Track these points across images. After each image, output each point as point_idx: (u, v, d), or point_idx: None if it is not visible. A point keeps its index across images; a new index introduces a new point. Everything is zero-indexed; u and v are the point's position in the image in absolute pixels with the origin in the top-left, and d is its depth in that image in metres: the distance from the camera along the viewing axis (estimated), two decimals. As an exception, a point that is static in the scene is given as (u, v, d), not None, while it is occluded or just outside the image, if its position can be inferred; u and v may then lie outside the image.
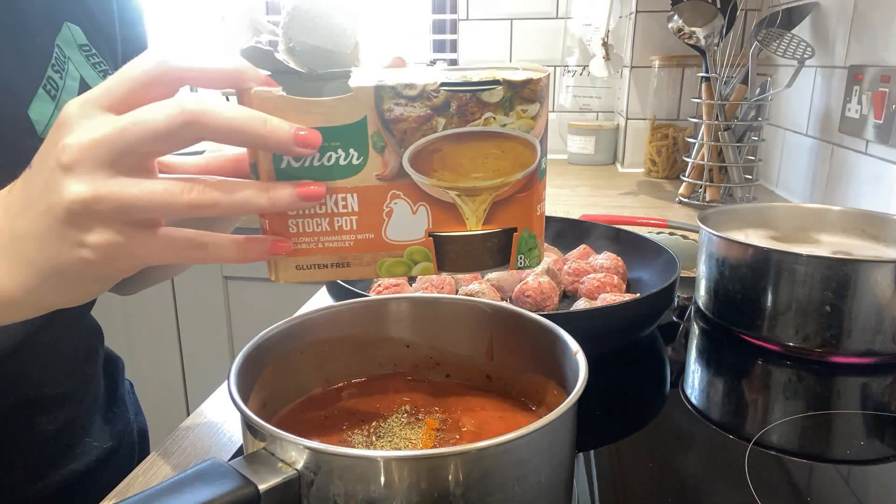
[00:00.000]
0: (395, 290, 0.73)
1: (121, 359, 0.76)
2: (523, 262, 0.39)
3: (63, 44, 0.53)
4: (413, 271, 0.39)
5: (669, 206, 1.35)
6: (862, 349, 0.67)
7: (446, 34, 2.15)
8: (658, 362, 0.72)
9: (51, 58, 0.52)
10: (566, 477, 0.39)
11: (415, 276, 0.39)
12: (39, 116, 0.51)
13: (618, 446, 0.55)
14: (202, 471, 0.33)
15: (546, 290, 0.72)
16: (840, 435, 0.58)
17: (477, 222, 0.38)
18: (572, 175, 1.71)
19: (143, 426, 0.77)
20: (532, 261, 0.40)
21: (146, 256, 0.34)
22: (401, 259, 0.38)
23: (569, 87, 1.92)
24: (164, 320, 1.52)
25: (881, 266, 0.64)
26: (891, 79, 0.94)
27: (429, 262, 0.39)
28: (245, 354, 0.42)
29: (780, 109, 1.43)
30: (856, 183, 1.07)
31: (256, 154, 0.35)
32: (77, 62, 0.54)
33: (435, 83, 0.35)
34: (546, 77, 0.37)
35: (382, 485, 0.33)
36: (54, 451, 0.60)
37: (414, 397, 0.49)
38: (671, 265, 0.73)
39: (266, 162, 0.35)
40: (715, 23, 1.25)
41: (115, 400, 0.71)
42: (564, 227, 0.92)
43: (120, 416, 0.71)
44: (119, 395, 0.72)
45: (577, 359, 0.41)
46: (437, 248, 0.38)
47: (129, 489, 0.50)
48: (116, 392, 0.72)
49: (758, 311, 0.71)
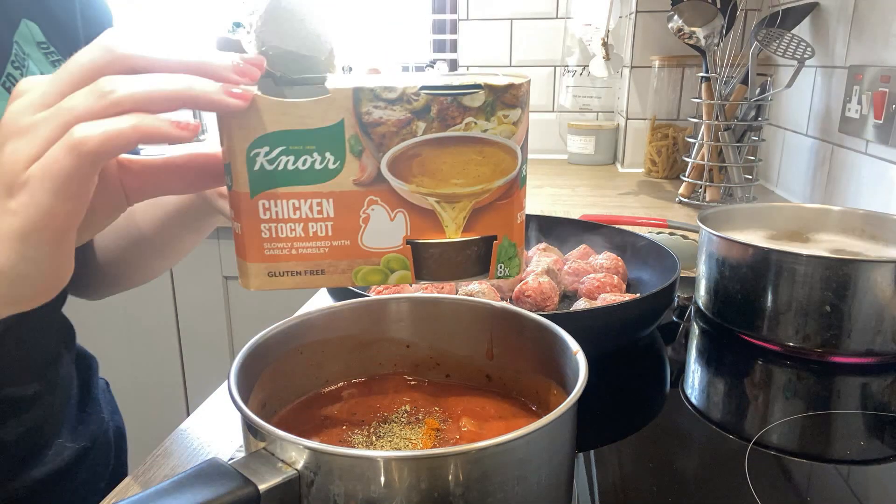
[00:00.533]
0: (394, 291, 0.73)
1: (94, 358, 0.74)
2: (503, 272, 0.39)
3: (21, 40, 0.52)
4: (390, 280, 0.38)
5: (669, 206, 1.35)
6: (862, 349, 0.67)
7: (446, 34, 2.15)
8: (658, 362, 0.72)
9: (10, 54, 0.51)
10: (566, 477, 0.39)
11: (391, 284, 0.38)
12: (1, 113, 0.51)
13: (618, 446, 0.55)
14: (202, 471, 0.33)
15: (546, 290, 0.72)
16: (840, 435, 0.58)
17: (456, 230, 0.37)
18: (572, 175, 1.71)
19: (119, 425, 0.76)
20: (512, 270, 0.39)
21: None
22: (377, 267, 0.37)
23: (569, 87, 1.92)
24: (164, 320, 1.52)
25: (881, 266, 0.64)
26: (891, 79, 0.94)
27: (406, 270, 0.38)
28: (245, 354, 0.42)
29: (780, 109, 1.43)
30: (856, 183, 1.07)
31: (232, 155, 0.34)
32: (36, 59, 0.53)
33: (415, 86, 0.34)
34: (528, 83, 0.36)
35: (382, 485, 0.33)
36: (24, 452, 0.59)
37: (414, 397, 0.49)
38: (671, 265, 0.73)
39: (241, 164, 0.34)
40: (715, 23, 1.25)
41: (88, 400, 0.70)
42: (564, 227, 0.92)
43: (94, 416, 0.70)
44: (93, 395, 0.71)
45: (577, 359, 0.41)
46: (416, 255, 0.38)
47: (129, 489, 0.50)
48: (90, 392, 0.71)
49: (758, 311, 0.71)
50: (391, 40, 2.15)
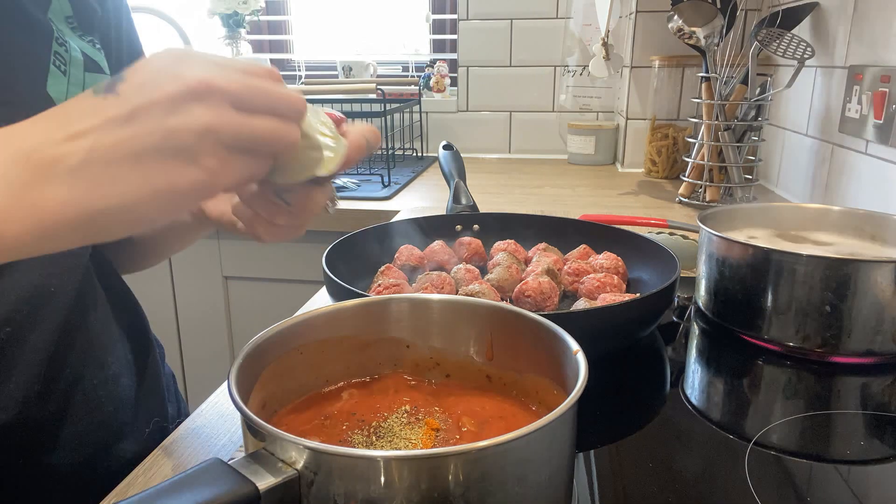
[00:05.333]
0: (395, 290, 0.73)
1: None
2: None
3: (54, 17, 0.53)
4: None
5: (669, 206, 1.35)
6: (862, 349, 0.67)
7: (446, 34, 2.15)
8: (658, 362, 0.72)
9: (52, 32, 0.52)
10: (566, 477, 0.39)
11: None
12: (57, 94, 0.51)
13: (618, 446, 0.55)
14: (202, 471, 0.33)
15: (546, 290, 0.72)
16: (840, 435, 0.58)
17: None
18: (572, 175, 1.71)
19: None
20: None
21: (243, 176, 0.36)
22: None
23: (569, 87, 1.92)
24: (165, 320, 1.52)
25: (881, 266, 0.64)
26: (891, 79, 0.94)
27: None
28: (245, 354, 0.42)
29: (780, 109, 1.43)
30: (856, 183, 1.07)
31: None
32: (67, 35, 0.54)
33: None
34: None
35: (382, 485, 0.33)
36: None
37: (414, 397, 0.49)
38: (671, 265, 0.73)
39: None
40: (715, 23, 1.25)
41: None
42: (564, 227, 0.92)
43: None
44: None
45: (577, 359, 0.41)
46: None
47: (129, 489, 0.50)
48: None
49: (758, 311, 0.71)
50: (391, 40, 2.15)
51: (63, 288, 0.56)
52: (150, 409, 0.68)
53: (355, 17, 2.24)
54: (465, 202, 1.01)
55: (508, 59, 1.93)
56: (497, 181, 1.64)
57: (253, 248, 1.42)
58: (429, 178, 1.68)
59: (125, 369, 0.64)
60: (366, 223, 0.92)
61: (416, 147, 1.98)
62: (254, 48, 2.18)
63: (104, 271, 0.66)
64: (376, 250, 0.86)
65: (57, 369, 0.56)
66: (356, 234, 0.85)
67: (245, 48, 2.09)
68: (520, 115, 1.97)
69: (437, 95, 2.04)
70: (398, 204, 1.38)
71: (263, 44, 2.26)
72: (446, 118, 2.01)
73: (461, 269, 0.79)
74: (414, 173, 1.69)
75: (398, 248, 0.86)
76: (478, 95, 1.97)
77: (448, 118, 2.00)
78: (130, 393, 0.64)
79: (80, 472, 0.58)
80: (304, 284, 1.40)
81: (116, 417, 0.62)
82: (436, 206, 1.34)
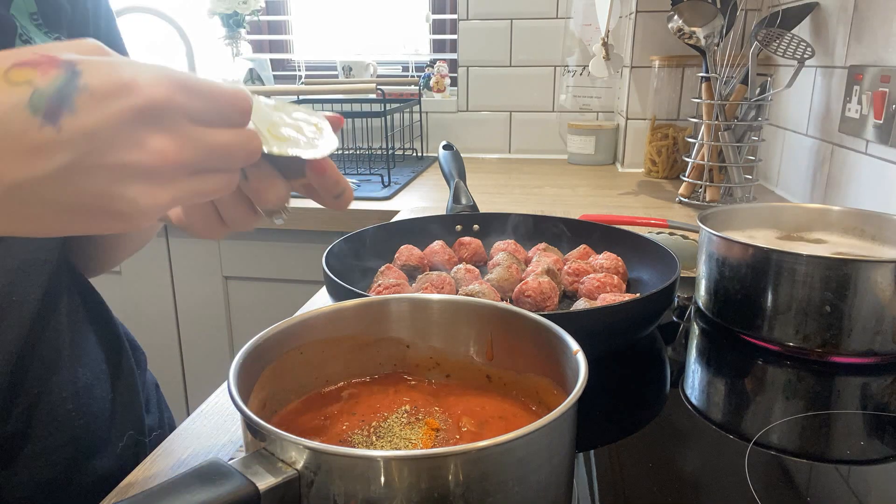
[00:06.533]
0: (395, 290, 0.73)
1: None
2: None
3: (17, 13, 0.52)
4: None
5: (669, 206, 1.35)
6: (862, 349, 0.67)
7: (446, 34, 2.15)
8: (658, 362, 0.72)
9: (15, 28, 0.51)
10: (566, 477, 0.39)
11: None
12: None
13: (618, 446, 0.55)
14: (202, 471, 0.33)
15: (546, 290, 0.72)
16: (840, 435, 0.58)
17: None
18: (572, 175, 1.71)
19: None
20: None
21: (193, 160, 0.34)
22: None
23: (569, 87, 1.92)
24: (165, 320, 1.52)
25: (881, 266, 0.64)
26: (891, 79, 0.94)
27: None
28: (245, 354, 0.42)
29: (780, 109, 1.43)
30: (856, 183, 1.07)
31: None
32: (32, 31, 0.53)
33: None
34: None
35: (382, 485, 0.33)
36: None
37: (414, 397, 0.49)
38: (671, 265, 0.73)
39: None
40: (715, 23, 1.25)
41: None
42: (564, 227, 0.92)
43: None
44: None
45: (577, 359, 0.41)
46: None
47: (129, 489, 0.50)
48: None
49: (758, 311, 0.71)
50: (391, 40, 2.15)
51: (27, 297, 0.54)
52: (125, 421, 0.65)
53: (355, 17, 2.23)
54: (465, 202, 1.01)
55: (508, 59, 1.93)
56: (497, 181, 1.64)
57: (253, 248, 1.42)
58: (429, 178, 1.68)
59: (99, 380, 0.62)
60: (366, 223, 0.92)
61: (416, 147, 1.98)
62: (254, 48, 2.18)
63: (75, 279, 0.64)
64: (376, 250, 0.86)
65: (17, 384, 0.53)
66: (356, 234, 0.85)
67: (245, 48, 2.09)
68: (520, 115, 1.97)
69: (437, 95, 2.04)
70: (398, 204, 1.38)
71: (263, 44, 2.26)
72: (446, 118, 2.01)
73: (461, 269, 0.79)
74: (414, 173, 1.69)
75: (398, 248, 0.87)
76: (478, 95, 1.97)
77: (448, 118, 2.00)
78: (105, 405, 0.62)
79: (48, 490, 0.56)
80: (304, 284, 1.40)
81: (89, 431, 0.59)
82: (436, 206, 1.34)
